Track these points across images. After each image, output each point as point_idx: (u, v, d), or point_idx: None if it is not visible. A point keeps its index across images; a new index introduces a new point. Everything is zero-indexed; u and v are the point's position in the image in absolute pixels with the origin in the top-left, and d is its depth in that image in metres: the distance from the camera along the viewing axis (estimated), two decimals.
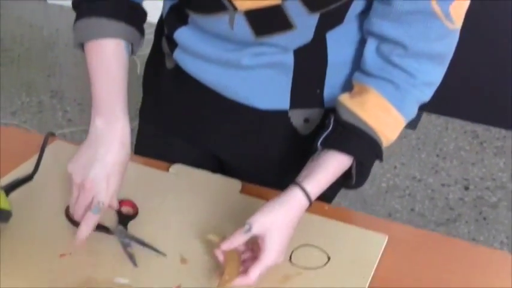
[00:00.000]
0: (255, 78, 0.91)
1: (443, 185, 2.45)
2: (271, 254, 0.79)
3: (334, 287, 0.82)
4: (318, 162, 0.84)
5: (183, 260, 0.86)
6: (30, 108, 2.90)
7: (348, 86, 0.90)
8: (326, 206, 0.97)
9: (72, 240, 0.89)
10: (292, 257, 0.87)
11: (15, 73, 3.19)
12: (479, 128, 2.79)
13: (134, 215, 0.94)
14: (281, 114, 0.95)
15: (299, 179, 0.83)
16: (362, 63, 0.86)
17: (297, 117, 0.95)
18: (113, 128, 0.88)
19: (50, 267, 0.85)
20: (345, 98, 0.86)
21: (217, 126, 1.01)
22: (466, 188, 2.43)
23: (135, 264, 0.85)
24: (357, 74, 0.88)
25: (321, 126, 0.90)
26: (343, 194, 1.13)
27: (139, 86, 1.16)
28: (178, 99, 1.03)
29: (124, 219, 0.93)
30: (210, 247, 0.85)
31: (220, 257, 0.81)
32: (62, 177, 1.02)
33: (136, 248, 0.88)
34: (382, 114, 0.84)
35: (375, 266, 0.86)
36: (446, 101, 2.80)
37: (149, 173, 1.04)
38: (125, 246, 0.88)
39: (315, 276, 0.84)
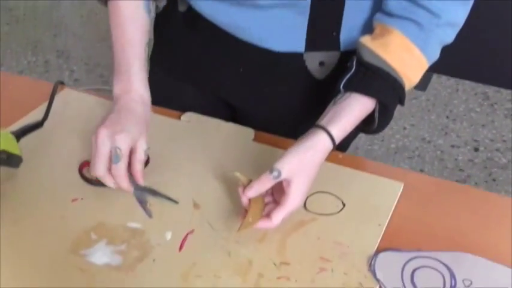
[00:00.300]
0: (271, 18, 0.88)
1: (453, 146, 2.43)
2: (296, 199, 0.78)
3: (350, 233, 0.81)
4: (342, 106, 0.82)
5: (196, 206, 0.85)
6: (37, 67, 2.88)
7: (366, 29, 0.88)
8: (340, 155, 0.95)
9: (83, 185, 0.88)
10: (307, 203, 0.85)
11: (21, 32, 3.16)
12: (490, 90, 2.76)
13: (145, 163, 0.93)
14: (296, 57, 0.92)
15: (322, 122, 0.81)
16: (384, 4, 0.84)
17: (312, 60, 0.92)
18: (130, 97, 0.88)
19: (62, 212, 0.84)
20: (366, 40, 0.84)
21: (230, 70, 0.99)
22: (476, 150, 2.41)
23: (150, 215, 0.84)
24: (378, 15, 0.85)
25: (337, 70, 0.88)
26: (352, 153, 1.11)
27: None
28: (190, 43, 1.01)
29: None
30: (234, 186, 0.84)
31: (245, 201, 0.80)
32: (71, 124, 1.01)
33: (149, 197, 0.87)
34: (405, 56, 0.82)
35: (391, 213, 0.85)
36: (457, 62, 2.76)
37: (160, 121, 1.02)
38: (139, 199, 0.86)
39: (330, 222, 0.83)
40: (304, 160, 0.79)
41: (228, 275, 0.75)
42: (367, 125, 0.86)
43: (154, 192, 0.87)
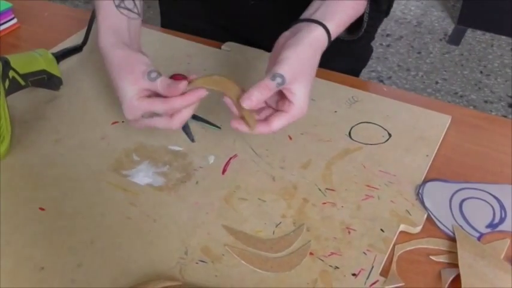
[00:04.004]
0: None
1: (486, 101, 2.38)
2: (303, 106, 0.70)
3: (396, 162, 0.79)
4: (334, 1, 0.74)
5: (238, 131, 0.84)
6: None
7: None
8: (385, 87, 0.93)
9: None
10: (352, 133, 0.83)
11: None
12: None
13: None
14: None
15: (316, 16, 0.72)
16: None
17: None
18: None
19: (102, 134, 0.83)
20: None
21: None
22: (510, 106, 2.35)
23: (192, 140, 0.82)
24: None
25: None
26: None
27: None
28: None
29: None
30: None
31: (233, 109, 0.72)
32: None
33: (190, 123, 0.85)
34: None
35: (438, 144, 0.82)
36: (493, 17, 2.69)
37: (201, 50, 1.00)
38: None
39: (376, 151, 0.81)
40: (306, 62, 0.70)
41: (272, 199, 0.74)
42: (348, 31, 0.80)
43: (197, 117, 0.85)
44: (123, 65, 0.71)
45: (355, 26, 0.80)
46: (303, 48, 0.70)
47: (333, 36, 0.73)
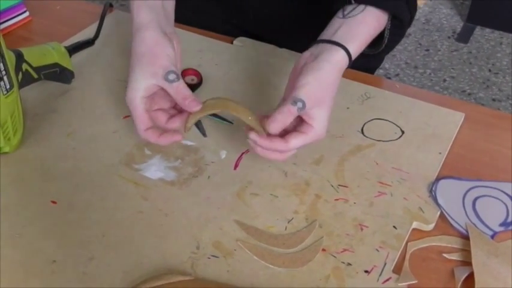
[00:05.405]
0: None
1: (494, 100, 2.37)
2: (322, 129, 0.71)
3: (409, 160, 0.78)
4: (357, 20, 0.73)
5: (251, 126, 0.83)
6: None
7: None
8: (397, 84, 0.92)
9: None
10: (364, 129, 0.83)
11: None
12: None
13: (198, 83, 0.91)
14: None
15: (336, 37, 0.72)
16: None
17: None
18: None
19: (114, 127, 0.83)
20: None
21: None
22: None
23: (205, 135, 0.82)
24: None
25: None
26: None
27: None
28: None
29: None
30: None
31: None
32: (122, 44, 1.00)
33: (203, 117, 0.85)
34: None
35: (451, 142, 0.82)
36: (502, 15, 2.67)
37: (213, 45, 1.00)
38: None
39: (389, 148, 0.80)
40: (327, 87, 0.70)
41: (284, 195, 0.73)
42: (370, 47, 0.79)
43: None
44: (148, 52, 0.71)
45: (375, 40, 0.79)
46: (324, 74, 0.70)
47: (354, 57, 0.73)
